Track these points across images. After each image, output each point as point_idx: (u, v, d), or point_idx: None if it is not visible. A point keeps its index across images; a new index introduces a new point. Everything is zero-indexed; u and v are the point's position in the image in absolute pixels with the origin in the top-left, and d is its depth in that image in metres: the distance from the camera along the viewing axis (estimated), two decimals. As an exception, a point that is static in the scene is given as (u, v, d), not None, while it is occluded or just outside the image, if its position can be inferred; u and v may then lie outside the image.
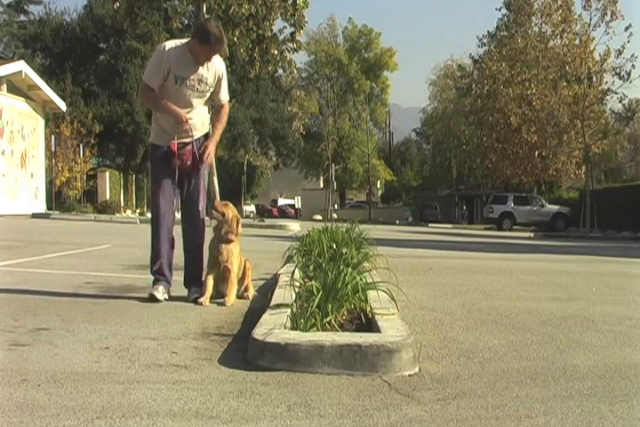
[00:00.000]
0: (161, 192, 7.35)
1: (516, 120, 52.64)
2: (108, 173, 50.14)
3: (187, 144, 7.37)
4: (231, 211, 7.32)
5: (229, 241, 7.25)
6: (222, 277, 7.24)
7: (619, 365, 5.14)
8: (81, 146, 43.45)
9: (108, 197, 48.11)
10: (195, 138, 7.43)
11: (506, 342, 5.75)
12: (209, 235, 7.49)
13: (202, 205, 7.50)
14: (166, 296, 7.25)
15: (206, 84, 7.33)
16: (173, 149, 7.28)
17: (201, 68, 7.27)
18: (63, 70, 53.63)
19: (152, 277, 7.41)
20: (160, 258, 7.34)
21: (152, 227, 7.44)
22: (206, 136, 7.66)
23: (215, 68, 7.38)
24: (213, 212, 7.28)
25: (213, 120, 7.71)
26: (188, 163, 7.34)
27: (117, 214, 41.00)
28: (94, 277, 9.16)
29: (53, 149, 39.18)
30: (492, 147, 56.25)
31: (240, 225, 7.36)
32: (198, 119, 7.43)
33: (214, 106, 7.72)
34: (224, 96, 7.61)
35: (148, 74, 7.37)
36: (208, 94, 7.44)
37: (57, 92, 40.30)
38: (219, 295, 7.26)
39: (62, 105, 38.99)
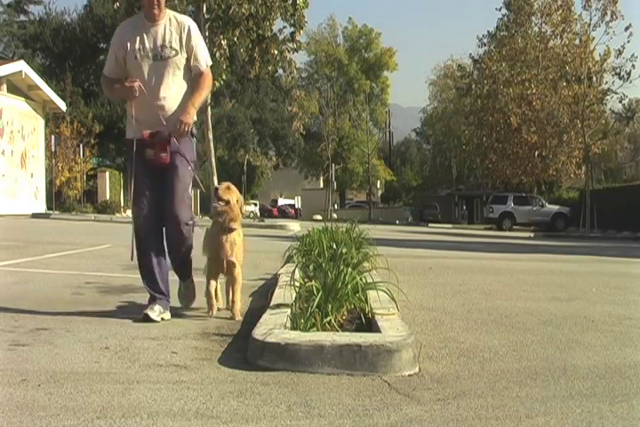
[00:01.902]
0: (140, 199, 6.38)
1: (516, 120, 52.64)
2: (107, 173, 50.07)
3: (160, 133, 6.24)
4: (235, 194, 6.37)
5: (232, 230, 6.33)
6: (228, 275, 6.46)
7: (619, 365, 5.14)
8: (81, 146, 43.42)
9: (107, 197, 48.06)
10: (169, 122, 6.27)
11: (506, 341, 5.75)
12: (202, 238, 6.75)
13: (182, 209, 6.34)
14: (165, 316, 6.18)
15: (171, 48, 6.28)
16: (145, 138, 6.23)
17: (160, 31, 6.28)
18: (63, 70, 53.67)
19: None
20: (151, 274, 6.37)
21: (135, 239, 6.43)
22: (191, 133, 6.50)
23: (177, 25, 6.36)
24: (218, 204, 6.26)
25: (192, 89, 6.46)
26: (163, 155, 6.22)
27: (117, 214, 40.97)
28: (94, 276, 9.17)
29: (53, 148, 39.17)
30: (492, 147, 56.23)
31: (243, 208, 6.55)
32: (173, 98, 6.32)
33: (193, 76, 6.47)
34: (202, 61, 6.45)
35: (105, 64, 6.53)
36: (180, 61, 6.32)
37: (57, 92, 40.33)
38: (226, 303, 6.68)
39: (62, 105, 39.01)
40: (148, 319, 6.00)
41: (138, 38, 6.28)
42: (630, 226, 40.01)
